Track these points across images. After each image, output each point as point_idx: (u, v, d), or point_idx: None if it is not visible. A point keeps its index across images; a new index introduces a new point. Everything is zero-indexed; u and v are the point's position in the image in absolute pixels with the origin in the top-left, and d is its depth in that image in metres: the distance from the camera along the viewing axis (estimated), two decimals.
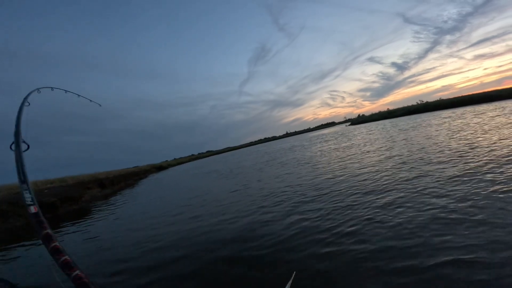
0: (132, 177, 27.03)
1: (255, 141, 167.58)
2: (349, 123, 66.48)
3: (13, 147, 1.17)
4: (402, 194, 4.22)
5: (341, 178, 6.29)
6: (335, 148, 13.78)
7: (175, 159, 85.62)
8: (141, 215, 7.66)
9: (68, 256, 0.85)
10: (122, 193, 15.69)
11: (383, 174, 5.77)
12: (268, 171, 10.58)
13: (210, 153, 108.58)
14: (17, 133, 1.23)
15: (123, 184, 22.36)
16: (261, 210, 5.06)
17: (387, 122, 33.93)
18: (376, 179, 5.49)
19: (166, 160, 68.27)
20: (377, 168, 6.52)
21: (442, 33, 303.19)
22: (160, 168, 44.57)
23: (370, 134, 18.82)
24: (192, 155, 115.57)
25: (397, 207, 3.72)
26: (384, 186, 4.89)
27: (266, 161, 15.75)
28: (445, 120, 16.18)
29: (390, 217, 3.45)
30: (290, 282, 1.73)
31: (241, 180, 9.71)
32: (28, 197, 1.00)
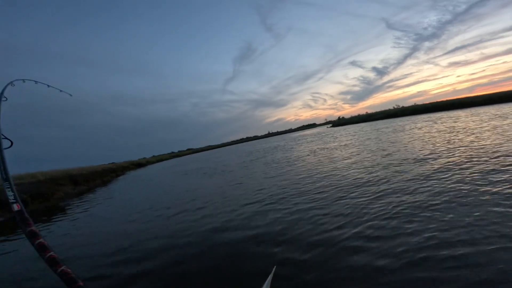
0: (108, 174, 25.46)
1: (237, 140, 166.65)
2: (331, 125, 68.11)
3: None
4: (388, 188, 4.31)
5: (330, 176, 6.18)
6: (329, 148, 13.83)
7: (154, 156, 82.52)
8: (118, 214, 7.13)
9: (53, 252, 0.85)
10: (97, 191, 14.69)
11: (373, 173, 5.73)
12: (255, 170, 10.29)
13: (191, 151, 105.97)
14: None
15: (99, 181, 20.96)
16: (243, 207, 5.09)
17: (367, 124, 35.12)
18: (368, 176, 5.42)
19: (145, 157, 65.48)
20: (365, 166, 6.49)
21: (421, 40, 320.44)
22: (138, 165, 42.67)
23: (355, 136, 19.20)
24: (172, 152, 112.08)
25: (384, 201, 3.95)
26: (374, 182, 5.00)
27: (251, 160, 15.47)
28: (426, 123, 16.92)
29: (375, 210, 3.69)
30: (270, 275, 1.73)
31: (227, 179, 9.32)
32: (10, 195, 0.97)
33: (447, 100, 37.87)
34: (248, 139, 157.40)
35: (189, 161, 31.33)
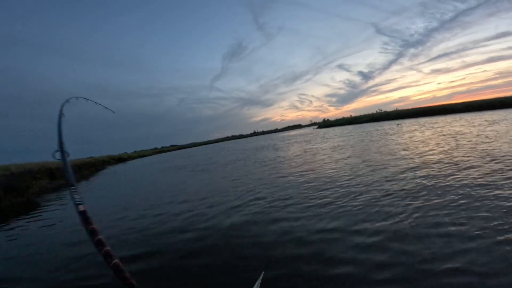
0: (88, 168, 24.02)
1: (223, 138, 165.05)
2: (317, 126, 69.08)
3: (56, 155, 1.27)
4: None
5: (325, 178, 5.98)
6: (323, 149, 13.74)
7: (135, 151, 79.44)
8: (96, 212, 6.54)
9: (108, 247, 0.97)
10: (75, 186, 13.62)
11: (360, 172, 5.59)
12: (245, 170, 9.95)
13: (175, 147, 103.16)
14: (60, 145, 1.34)
15: (78, 176, 19.64)
16: (233, 210, 4.79)
17: (354, 127, 35.81)
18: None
19: (126, 152, 62.93)
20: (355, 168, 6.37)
21: (407, 46, 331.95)
22: (119, 159, 40.78)
23: (345, 137, 19.36)
24: (155, 148, 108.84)
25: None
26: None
27: (239, 159, 15.11)
28: (415, 127, 17.38)
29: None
30: (258, 282, 1.70)
31: (217, 178, 8.90)
32: (77, 197, 1.11)
33: (429, 106, 39.55)
34: (234, 137, 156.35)
35: (174, 158, 30.30)
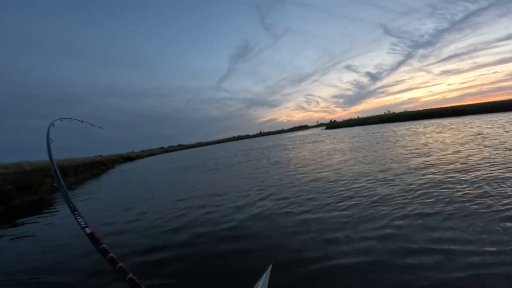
0: (98, 167, 24.28)
1: (229, 138, 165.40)
2: (325, 127, 68.37)
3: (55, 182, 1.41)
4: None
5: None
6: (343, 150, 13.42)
7: (142, 150, 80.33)
8: (107, 210, 6.47)
9: (121, 264, 0.98)
10: (88, 184, 13.78)
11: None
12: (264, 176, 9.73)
13: (181, 147, 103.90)
14: (56, 173, 1.45)
15: (88, 174, 19.86)
16: (244, 207, 4.89)
17: (362, 128, 35.17)
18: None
19: (133, 151, 63.64)
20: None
21: (416, 47, 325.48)
22: (128, 158, 41.21)
23: (358, 137, 18.94)
24: (162, 147, 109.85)
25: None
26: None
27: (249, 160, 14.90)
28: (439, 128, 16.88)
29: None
30: (266, 274, 1.65)
31: (232, 180, 8.71)
32: (82, 221, 1.17)
33: (440, 108, 38.56)
34: (240, 137, 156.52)
35: (181, 157, 30.35)
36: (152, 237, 3.98)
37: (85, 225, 1.14)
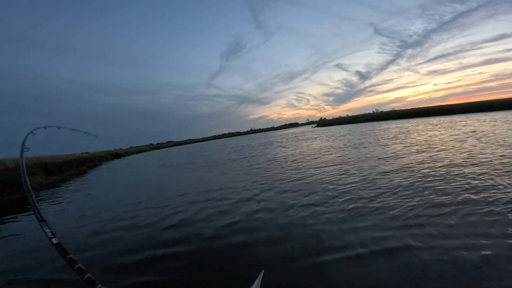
0: (84, 164, 23.31)
1: (219, 135, 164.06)
2: (315, 125, 68.87)
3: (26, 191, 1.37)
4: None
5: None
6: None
7: (131, 147, 78.39)
8: (95, 209, 6.10)
9: (90, 274, 0.95)
10: (73, 182, 13.12)
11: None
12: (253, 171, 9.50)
13: (171, 144, 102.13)
14: (25, 182, 1.43)
15: (74, 171, 18.98)
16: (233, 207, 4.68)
17: (353, 126, 35.56)
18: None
19: (121, 148, 61.95)
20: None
21: (405, 47, 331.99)
22: (116, 155, 39.94)
23: (352, 135, 18.99)
24: (151, 144, 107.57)
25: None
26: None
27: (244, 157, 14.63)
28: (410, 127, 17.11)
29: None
30: (258, 280, 1.61)
31: (223, 175, 8.43)
32: (48, 231, 1.14)
33: (427, 107, 39.49)
34: (230, 134, 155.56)
35: (172, 154, 29.64)
36: (133, 239, 3.78)
37: (51, 236, 1.13)
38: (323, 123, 64.60)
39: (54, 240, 1.10)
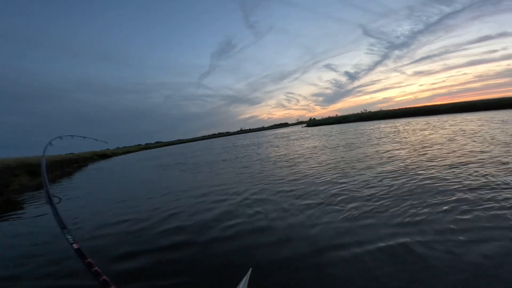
0: (70, 165, 22.54)
1: (209, 135, 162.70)
2: (305, 125, 69.53)
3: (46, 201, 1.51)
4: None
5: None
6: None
7: (118, 147, 76.41)
8: (81, 212, 5.86)
9: (105, 276, 0.99)
10: (59, 183, 12.63)
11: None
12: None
13: (160, 144, 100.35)
14: (47, 191, 1.55)
15: (59, 173, 18.30)
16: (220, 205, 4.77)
17: (344, 125, 36.12)
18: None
19: (108, 148, 60.22)
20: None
21: (392, 48, 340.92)
22: (103, 156, 38.82)
23: (345, 134, 19.25)
24: (139, 145, 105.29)
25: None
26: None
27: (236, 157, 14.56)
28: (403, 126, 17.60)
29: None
30: (246, 278, 1.63)
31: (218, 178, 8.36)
32: (70, 238, 1.22)
33: (414, 107, 40.81)
34: (221, 134, 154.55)
35: (162, 154, 29.08)
36: (127, 241, 3.70)
37: (72, 241, 1.19)
38: (313, 123, 65.30)
39: (75, 245, 1.18)
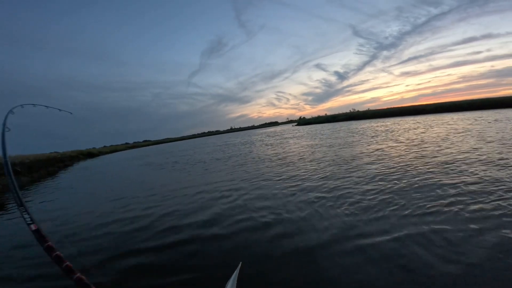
0: (55, 164, 21.54)
1: (198, 134, 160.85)
2: (296, 124, 69.97)
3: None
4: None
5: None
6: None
7: (105, 146, 74.15)
8: (67, 213, 5.56)
9: (69, 262, 0.93)
10: (42, 183, 12.04)
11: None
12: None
13: (148, 143, 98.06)
14: (6, 164, 1.35)
15: (44, 172, 17.44)
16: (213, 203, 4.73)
17: (335, 124, 36.53)
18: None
19: (94, 147, 58.35)
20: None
21: (381, 48, 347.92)
22: (89, 155, 37.49)
23: (338, 133, 19.40)
24: (127, 143, 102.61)
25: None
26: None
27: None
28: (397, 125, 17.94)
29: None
30: (236, 272, 1.69)
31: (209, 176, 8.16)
32: (27, 217, 1.10)
33: (402, 107, 41.91)
34: (210, 133, 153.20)
35: (151, 153, 28.34)
36: (115, 240, 3.65)
37: (30, 222, 1.09)
38: (303, 121, 65.77)
39: (33, 227, 1.06)
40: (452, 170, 4.95)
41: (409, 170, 5.31)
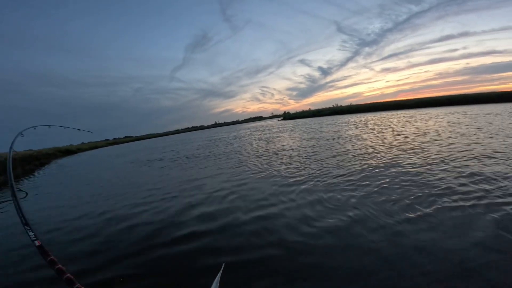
0: (30, 162, 20.21)
1: (182, 129, 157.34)
2: (281, 118, 70.31)
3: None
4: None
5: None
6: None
7: (83, 143, 70.56)
8: (45, 215, 5.23)
9: (69, 274, 0.99)
10: (20, 183, 11.30)
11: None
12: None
13: (130, 139, 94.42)
14: (11, 185, 1.43)
15: (20, 170, 16.30)
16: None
17: (321, 119, 37.14)
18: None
19: (71, 144, 55.32)
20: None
21: (363, 45, 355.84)
22: (67, 152, 35.57)
23: (328, 127, 19.66)
24: (107, 140, 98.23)
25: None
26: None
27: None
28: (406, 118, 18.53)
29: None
30: (219, 274, 1.69)
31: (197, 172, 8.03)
32: (31, 234, 1.18)
33: (383, 102, 43.45)
34: (194, 128, 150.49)
35: (132, 150, 27.31)
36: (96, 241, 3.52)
37: (34, 238, 1.17)
38: (288, 116, 66.23)
39: (37, 243, 1.15)
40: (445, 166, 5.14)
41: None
